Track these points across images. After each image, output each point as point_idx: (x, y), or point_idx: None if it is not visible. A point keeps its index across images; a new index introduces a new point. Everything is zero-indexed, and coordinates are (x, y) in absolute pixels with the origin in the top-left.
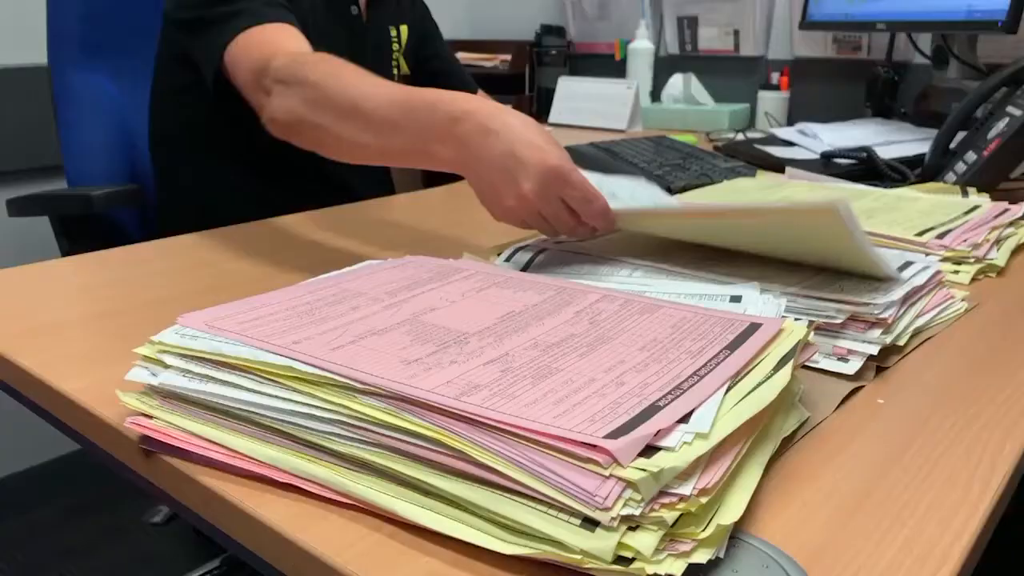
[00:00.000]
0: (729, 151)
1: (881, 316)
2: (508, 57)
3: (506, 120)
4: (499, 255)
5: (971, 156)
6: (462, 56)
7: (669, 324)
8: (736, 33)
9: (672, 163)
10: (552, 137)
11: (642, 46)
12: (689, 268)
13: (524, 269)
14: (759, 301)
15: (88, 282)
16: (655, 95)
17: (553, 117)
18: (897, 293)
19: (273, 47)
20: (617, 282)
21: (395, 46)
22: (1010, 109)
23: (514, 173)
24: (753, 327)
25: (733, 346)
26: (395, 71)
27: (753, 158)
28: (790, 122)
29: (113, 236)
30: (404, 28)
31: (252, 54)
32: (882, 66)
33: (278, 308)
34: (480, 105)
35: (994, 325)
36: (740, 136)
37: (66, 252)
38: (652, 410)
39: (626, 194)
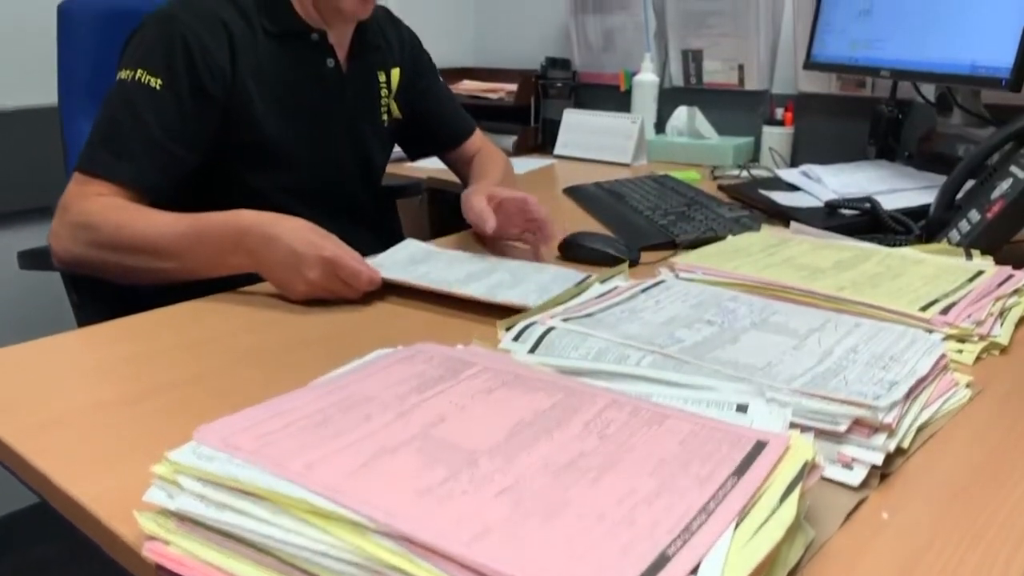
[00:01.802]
0: (733, 194)
1: (886, 421)
2: (514, 88)
3: (283, 226)
4: (508, 329)
5: (975, 215)
6: (468, 85)
7: (677, 439)
8: (740, 67)
9: (677, 210)
10: (324, 232)
11: (647, 79)
12: (694, 355)
13: (533, 348)
14: (765, 412)
15: (101, 360)
16: (659, 126)
17: (558, 149)
18: (901, 388)
19: (84, 198)
20: (626, 371)
21: (384, 92)
22: (1013, 169)
23: (298, 267)
24: (760, 446)
25: (740, 470)
26: (384, 116)
27: (757, 204)
28: (794, 157)
29: (122, 288)
30: (396, 72)
31: (71, 190)
32: (886, 104)
33: (293, 418)
34: (259, 218)
35: (998, 416)
36: (744, 173)
37: (76, 305)
38: (662, 561)
39: (398, 257)
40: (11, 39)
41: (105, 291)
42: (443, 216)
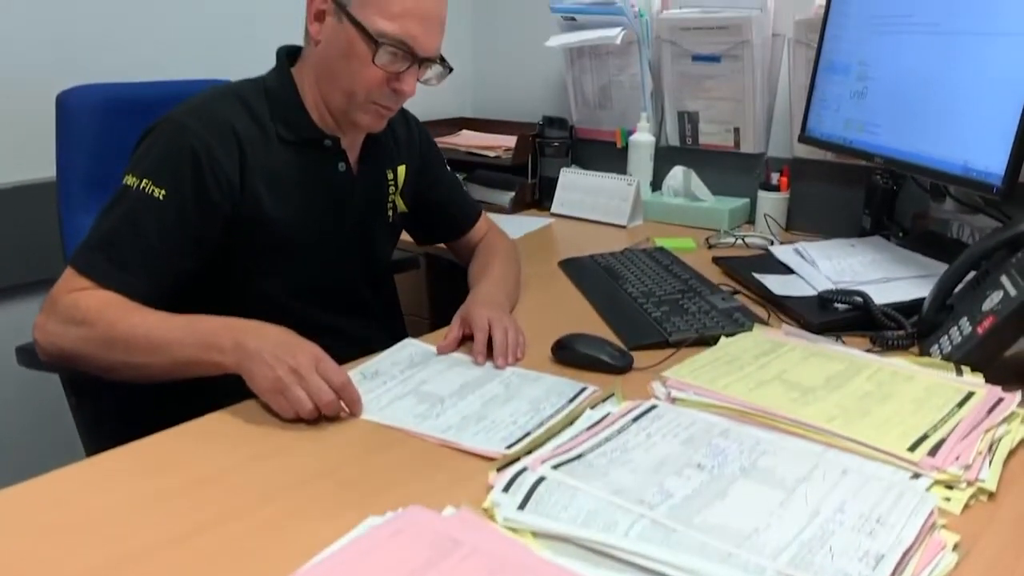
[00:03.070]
0: (727, 270)
1: None
2: (511, 144)
3: (270, 326)
4: (499, 470)
5: (966, 325)
6: (466, 136)
7: None
8: (736, 130)
9: (670, 298)
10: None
11: (643, 139)
12: (683, 517)
13: (523, 503)
14: None
15: (95, 509)
16: (656, 183)
17: (555, 207)
18: (887, 565)
19: (76, 294)
20: (614, 544)
21: (391, 188)
22: (1004, 280)
23: (285, 353)
24: None
25: None
26: (390, 212)
27: (751, 288)
28: (789, 222)
29: (120, 392)
30: (402, 169)
31: (62, 285)
32: (881, 176)
33: None
34: (250, 320)
35: None
36: (739, 242)
37: (74, 407)
38: None
39: (397, 359)
40: (8, 119)
41: (103, 394)
42: (442, 285)
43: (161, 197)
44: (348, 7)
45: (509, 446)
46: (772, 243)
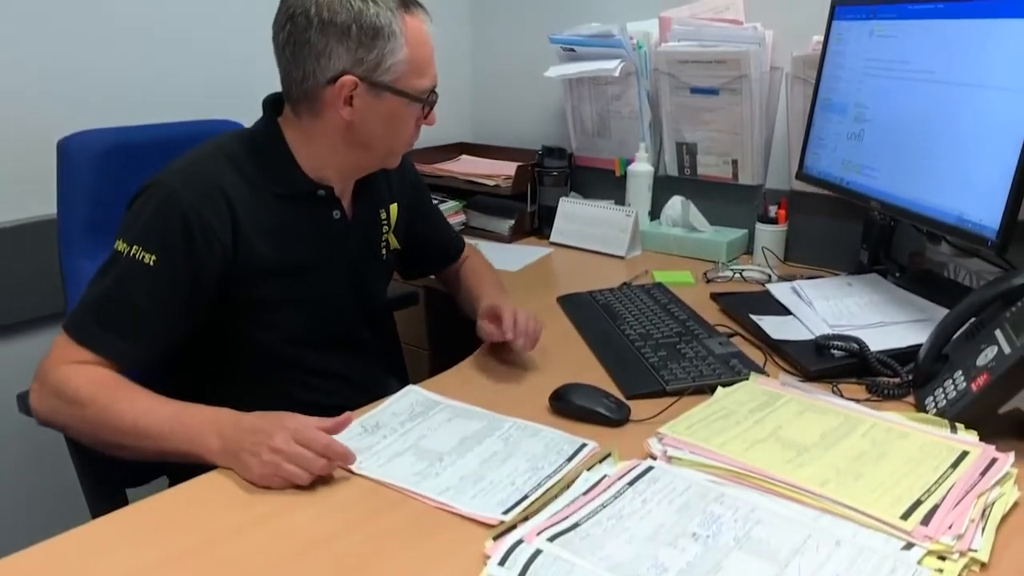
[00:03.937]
0: (725, 308)
1: None
2: (511, 172)
3: (244, 414)
4: (496, 537)
5: (960, 380)
6: (466, 164)
7: None
8: (734, 162)
9: (668, 341)
10: (289, 413)
11: (641, 169)
12: None
13: None
14: None
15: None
16: (655, 212)
17: (554, 236)
18: None
19: (69, 367)
20: None
21: (385, 228)
22: (998, 335)
23: (264, 436)
24: None
25: None
26: (383, 251)
27: (747, 329)
28: (787, 254)
29: None
30: (394, 207)
31: (56, 355)
32: (879, 212)
33: None
34: (234, 411)
35: None
36: (737, 276)
37: (74, 453)
38: None
39: (397, 410)
40: (11, 158)
41: None
42: (441, 317)
43: (152, 263)
44: (388, 83)
45: (506, 511)
46: (770, 278)
